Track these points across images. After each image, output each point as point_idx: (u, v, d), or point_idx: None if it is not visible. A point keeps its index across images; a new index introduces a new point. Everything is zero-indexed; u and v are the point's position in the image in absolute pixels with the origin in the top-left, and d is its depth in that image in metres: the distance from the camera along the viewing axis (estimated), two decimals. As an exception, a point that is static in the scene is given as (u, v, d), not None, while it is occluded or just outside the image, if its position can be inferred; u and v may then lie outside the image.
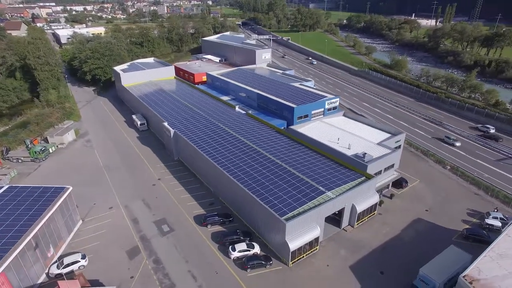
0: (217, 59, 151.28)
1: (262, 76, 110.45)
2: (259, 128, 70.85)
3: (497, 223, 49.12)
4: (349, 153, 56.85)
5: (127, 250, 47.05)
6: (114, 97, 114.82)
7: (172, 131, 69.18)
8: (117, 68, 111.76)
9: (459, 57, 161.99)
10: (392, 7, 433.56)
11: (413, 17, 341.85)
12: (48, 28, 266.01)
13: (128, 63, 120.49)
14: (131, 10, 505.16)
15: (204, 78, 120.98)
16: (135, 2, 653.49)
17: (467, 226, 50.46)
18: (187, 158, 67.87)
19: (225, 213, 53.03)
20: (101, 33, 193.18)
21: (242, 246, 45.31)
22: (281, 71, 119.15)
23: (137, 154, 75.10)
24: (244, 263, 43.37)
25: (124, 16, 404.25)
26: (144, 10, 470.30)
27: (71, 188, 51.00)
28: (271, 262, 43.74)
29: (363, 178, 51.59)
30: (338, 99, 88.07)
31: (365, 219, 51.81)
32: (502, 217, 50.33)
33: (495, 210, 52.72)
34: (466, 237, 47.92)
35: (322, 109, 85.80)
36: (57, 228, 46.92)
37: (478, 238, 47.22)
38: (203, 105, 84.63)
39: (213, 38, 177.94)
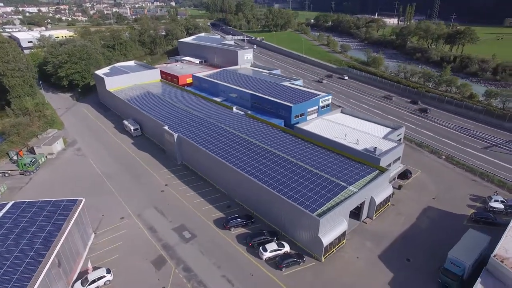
0: (197, 61, 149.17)
1: (251, 76, 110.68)
2: (263, 128, 71.00)
3: (500, 206, 53.16)
4: (359, 148, 58.73)
5: (152, 260, 45.33)
6: (97, 103, 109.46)
7: (175, 135, 67.43)
8: (99, 72, 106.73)
9: (427, 53, 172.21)
10: (355, 7, 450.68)
11: (376, 16, 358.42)
12: (2, 31, 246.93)
13: (109, 67, 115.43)
14: (91, 12, 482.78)
15: (189, 80, 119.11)
16: (94, 4, 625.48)
17: (473, 211, 54.05)
18: (194, 162, 66.48)
19: (246, 214, 52.69)
20: (71, 36, 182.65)
21: (273, 246, 45.35)
22: (267, 71, 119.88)
23: (137, 160, 72.34)
24: (277, 262, 43.46)
25: (86, 19, 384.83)
26: (105, 12, 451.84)
27: (84, 200, 48.19)
28: (304, 259, 44.18)
29: (377, 171, 53.58)
30: (330, 96, 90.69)
31: (381, 211, 53.81)
32: (503, 199, 54.52)
33: (495, 193, 56.96)
34: (476, 220, 51.36)
35: (317, 107, 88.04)
36: (75, 243, 44.23)
37: (487, 221, 50.82)
38: (199, 107, 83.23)
39: (189, 39, 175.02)
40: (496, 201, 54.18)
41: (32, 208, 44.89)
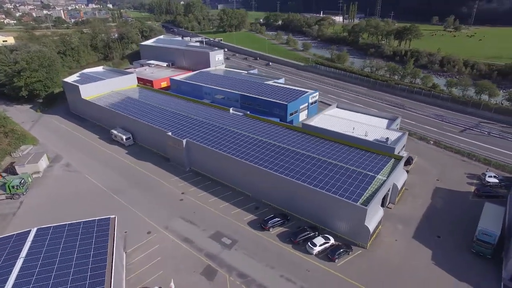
0: (164, 64, 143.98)
1: (233, 77, 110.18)
2: (268, 127, 71.56)
3: (495, 180, 60.52)
4: (370, 139, 62.32)
5: (201, 272, 43.65)
6: (67, 113, 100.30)
7: (184, 141, 64.98)
8: (69, 80, 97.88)
9: (380, 49, 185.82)
10: (299, 6, 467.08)
11: (321, 15, 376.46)
12: None
13: (77, 74, 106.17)
14: (17, 14, 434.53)
15: (164, 84, 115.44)
16: (17, 5, 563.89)
17: (474, 187, 60.71)
18: (207, 167, 64.68)
19: (280, 213, 53.04)
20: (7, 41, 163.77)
21: (320, 240, 46.49)
22: (245, 72, 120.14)
23: (140, 171, 68.25)
24: (330, 255, 44.73)
25: (15, 22, 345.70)
26: (35, 15, 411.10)
27: (115, 218, 44.61)
28: (352, 249, 46.04)
29: (393, 159, 57.52)
30: (317, 92, 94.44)
31: (400, 195, 57.86)
32: (495, 175, 62.04)
33: (487, 170, 64.50)
34: (480, 195, 57.84)
35: (307, 104, 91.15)
36: (117, 264, 40.83)
37: (489, 194, 57.52)
38: (193, 111, 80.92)
39: (150, 42, 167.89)
40: (490, 177, 61.45)
41: (62, 233, 40.43)
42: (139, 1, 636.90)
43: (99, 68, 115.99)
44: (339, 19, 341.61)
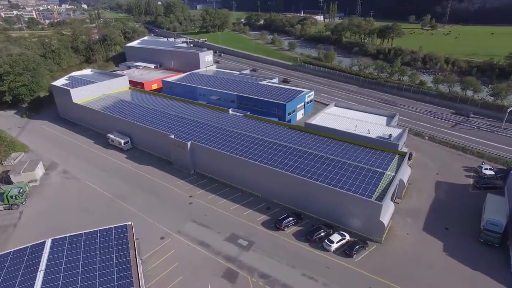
0: (152, 66, 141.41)
1: (226, 77, 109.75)
2: (271, 127, 71.87)
3: (491, 172, 63.43)
4: (373, 136, 63.82)
5: (222, 275, 43.36)
6: (56, 118, 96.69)
7: (188, 143, 64.22)
8: (58, 84, 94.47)
9: (364, 47, 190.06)
10: (279, 6, 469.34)
11: (302, 14, 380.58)
12: None
13: (66, 77, 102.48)
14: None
15: (154, 86, 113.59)
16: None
17: (472, 180, 63.42)
18: (213, 169, 64.11)
19: (293, 212, 53.47)
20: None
21: (337, 237, 47.27)
22: (237, 72, 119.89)
23: (143, 175, 66.87)
24: (348, 251, 45.57)
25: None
26: (3, 15, 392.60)
27: (132, 224, 43.63)
28: (368, 244, 47.09)
29: (397, 155, 59.19)
30: (313, 92, 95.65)
31: (404, 190, 59.59)
32: (491, 167, 65.03)
33: (483, 163, 67.46)
34: (479, 187, 60.50)
35: (303, 103, 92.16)
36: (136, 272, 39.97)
37: (488, 186, 60.23)
38: (192, 113, 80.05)
39: (135, 44, 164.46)
40: (486, 169, 64.36)
41: (79, 242, 39.13)
42: (115, 1, 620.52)
43: (87, 71, 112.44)
44: (320, 18, 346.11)
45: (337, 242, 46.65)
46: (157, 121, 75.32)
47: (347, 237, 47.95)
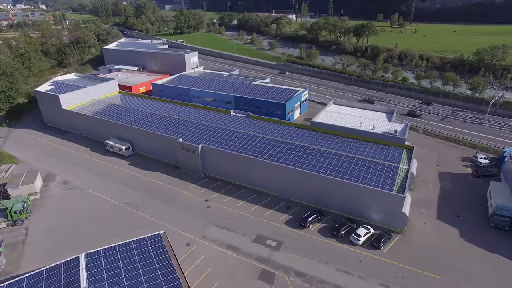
0: (134, 69, 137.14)
1: (219, 79, 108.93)
2: (278, 127, 72.34)
3: (486, 161, 68.01)
4: (379, 132, 66.25)
5: (258, 277, 43.32)
6: (42, 126, 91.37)
7: (199, 146, 63.22)
8: (43, 89, 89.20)
9: (341, 45, 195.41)
10: (250, 5, 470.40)
11: (273, 14, 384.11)
12: None
13: (49, 83, 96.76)
14: None
15: (142, 90, 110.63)
16: None
17: (470, 169, 67.65)
18: (225, 171, 63.50)
19: (316, 210, 54.34)
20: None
21: (363, 230, 48.73)
22: (227, 73, 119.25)
23: (151, 181, 64.98)
24: (374, 243, 47.14)
25: None
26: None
27: (165, 233, 42.52)
28: (392, 235, 49.02)
29: (404, 149, 61.93)
30: (307, 90, 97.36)
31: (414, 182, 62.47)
32: (485, 156, 69.75)
33: (477, 153, 72.09)
34: (478, 175, 64.68)
35: (299, 102, 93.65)
36: (177, 280, 39.07)
37: (485, 174, 64.55)
38: (193, 115, 78.81)
39: (113, 46, 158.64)
40: (481, 158, 68.94)
41: (116, 255, 37.55)
42: (77, 2, 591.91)
43: (71, 76, 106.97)
44: (292, 17, 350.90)
45: (364, 236, 48.10)
46: (159, 125, 73.36)
47: (372, 230, 49.57)
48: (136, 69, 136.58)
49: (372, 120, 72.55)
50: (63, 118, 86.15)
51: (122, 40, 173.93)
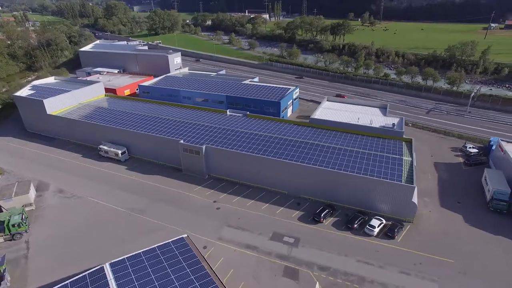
0: (115, 71, 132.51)
1: (208, 79, 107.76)
2: (277, 125, 72.66)
3: (475, 150, 72.05)
4: (377, 126, 68.38)
5: (283, 274, 43.34)
6: (23, 133, 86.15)
7: (203, 147, 62.20)
8: (23, 94, 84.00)
9: (319, 44, 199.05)
10: (222, 5, 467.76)
11: (246, 13, 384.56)
12: None
13: (29, 87, 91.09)
14: None
15: (127, 92, 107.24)
16: None
17: (461, 158, 71.41)
18: (230, 171, 62.84)
19: (327, 204, 55.12)
20: None
21: (376, 222, 50.08)
22: (214, 73, 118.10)
23: (153, 185, 63.14)
24: (389, 233, 48.64)
25: None
26: None
27: (188, 236, 41.55)
28: (404, 225, 50.80)
29: (403, 142, 64.35)
30: (298, 89, 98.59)
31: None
32: (473, 146, 73.90)
33: (465, 143, 76.15)
34: (470, 164, 68.42)
35: (292, 100, 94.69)
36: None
37: (476, 162, 68.41)
38: (189, 116, 77.49)
39: (89, 48, 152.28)
40: (470, 148, 72.97)
41: (142, 263, 36.15)
42: (37, 2, 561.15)
43: (50, 79, 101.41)
44: (266, 17, 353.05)
45: (378, 227, 49.46)
46: (155, 128, 71.36)
47: (384, 221, 51.07)
48: (116, 71, 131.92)
49: (368, 115, 74.70)
50: (48, 124, 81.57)
51: (98, 42, 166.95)
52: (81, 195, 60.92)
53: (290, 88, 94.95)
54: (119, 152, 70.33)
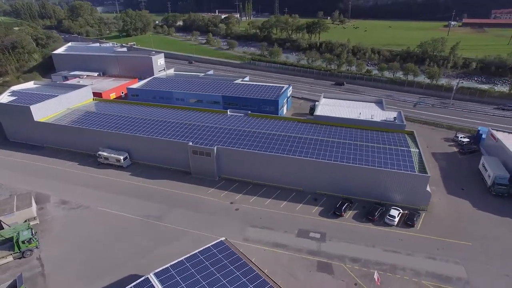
0: (95, 74, 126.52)
1: (198, 80, 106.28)
2: (282, 123, 72.94)
3: (467, 140, 76.81)
4: (378, 120, 70.85)
5: (317, 269, 43.85)
6: (5, 143, 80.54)
7: (214, 148, 61.25)
8: (3, 100, 78.14)
9: (296, 42, 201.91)
10: (191, 6, 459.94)
11: (217, 13, 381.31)
12: None
13: (8, 92, 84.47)
14: None
15: (112, 96, 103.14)
16: None
17: (455, 148, 75.76)
18: (243, 172, 62.31)
19: (345, 198, 56.30)
20: None
21: (395, 212, 51.99)
22: (201, 74, 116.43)
23: (162, 190, 61.22)
24: (409, 222, 50.71)
25: None
26: None
27: (227, 239, 40.92)
28: (420, 213, 53.21)
29: (406, 134, 67.25)
30: (291, 87, 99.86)
31: (415, 163, 68.10)
32: (464, 135, 78.69)
33: (456, 133, 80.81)
34: (464, 153, 72.84)
35: (286, 98, 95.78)
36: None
37: (469, 151, 72.92)
38: (190, 118, 75.94)
39: (62, 51, 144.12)
40: (462, 137, 77.64)
41: (188, 270, 35.03)
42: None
43: (29, 84, 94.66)
44: (237, 16, 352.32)
45: (397, 216, 51.39)
46: (157, 131, 69.15)
47: (401, 210, 53.14)
48: (96, 74, 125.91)
49: (367, 110, 77.12)
50: (35, 131, 76.35)
51: (70, 44, 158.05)
52: (87, 205, 57.74)
53: (284, 87, 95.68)
54: (121, 157, 67.39)
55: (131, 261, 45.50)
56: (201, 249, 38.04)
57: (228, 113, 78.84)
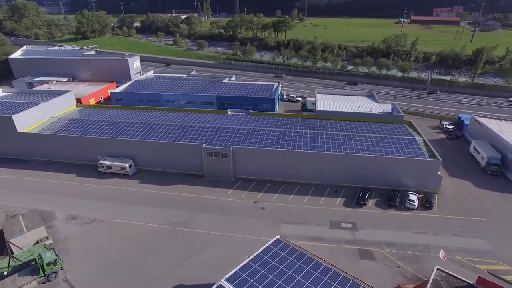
0: (64, 79, 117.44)
1: (184, 81, 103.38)
2: (286, 120, 73.84)
3: (452, 126, 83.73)
4: (376, 112, 74.63)
5: (360, 257, 45.37)
6: (-16, 159, 71.58)
7: (231, 149, 60.33)
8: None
9: (263, 41, 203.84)
10: (145, 6, 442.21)
11: (174, 14, 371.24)
12: None
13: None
14: None
15: (92, 101, 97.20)
16: None
17: (443, 134, 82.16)
18: (260, 170, 61.95)
19: (364, 188, 58.56)
20: None
21: (414, 196, 55.41)
22: (184, 75, 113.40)
23: (179, 196, 59.05)
24: (427, 204, 54.35)
25: None
26: None
27: (282, 236, 40.80)
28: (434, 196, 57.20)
29: (404, 124, 71.73)
30: (280, 85, 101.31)
31: (413, 151, 72.76)
32: (448, 123, 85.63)
33: (441, 121, 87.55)
34: (452, 139, 79.43)
35: (278, 95, 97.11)
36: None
37: (456, 136, 79.64)
38: (191, 119, 73.96)
39: (18, 55, 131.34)
40: (447, 125, 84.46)
41: (258, 272, 34.30)
42: None
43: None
44: (197, 17, 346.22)
45: (416, 200, 54.81)
46: (165, 134, 66.32)
47: (417, 195, 56.71)
48: (65, 79, 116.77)
49: (362, 103, 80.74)
50: (18, 144, 69.12)
51: (25, 47, 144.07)
52: (102, 218, 53.81)
53: (274, 85, 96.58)
54: (127, 165, 63.60)
55: (170, 272, 43.41)
56: (262, 249, 37.46)
57: (229, 113, 77.82)
